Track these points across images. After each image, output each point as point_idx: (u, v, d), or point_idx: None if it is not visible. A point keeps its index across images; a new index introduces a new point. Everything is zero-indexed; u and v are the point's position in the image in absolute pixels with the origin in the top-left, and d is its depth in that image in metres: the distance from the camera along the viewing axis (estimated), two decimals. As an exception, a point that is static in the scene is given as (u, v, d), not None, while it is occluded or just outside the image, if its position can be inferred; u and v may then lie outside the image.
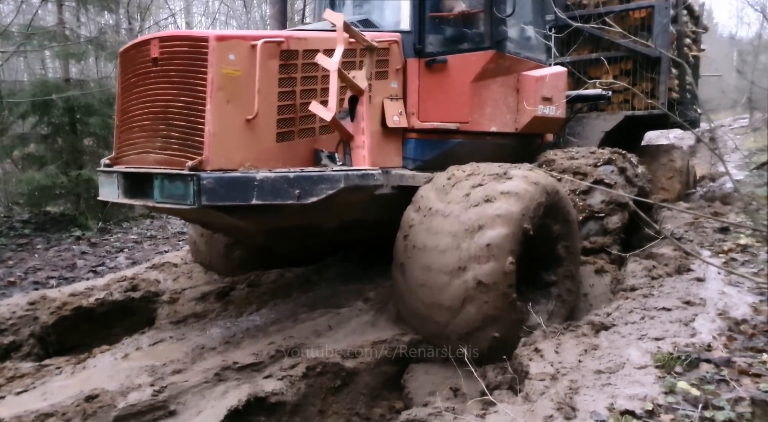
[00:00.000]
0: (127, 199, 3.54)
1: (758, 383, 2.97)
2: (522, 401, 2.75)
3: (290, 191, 3.12)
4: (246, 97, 3.29)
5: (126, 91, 3.64)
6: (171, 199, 3.18)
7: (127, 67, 3.63)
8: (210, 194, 3.05)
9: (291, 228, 3.84)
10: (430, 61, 4.60)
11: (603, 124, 7.20)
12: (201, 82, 3.18)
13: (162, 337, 3.98)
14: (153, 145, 3.41)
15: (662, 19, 7.04)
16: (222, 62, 3.18)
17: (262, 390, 3.09)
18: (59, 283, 6.17)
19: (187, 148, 3.23)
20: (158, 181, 3.23)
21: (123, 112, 3.69)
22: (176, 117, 3.29)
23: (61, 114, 9.25)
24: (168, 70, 3.32)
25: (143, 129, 3.48)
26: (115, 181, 3.57)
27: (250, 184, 3.09)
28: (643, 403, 2.76)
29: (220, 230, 4.59)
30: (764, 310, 4.05)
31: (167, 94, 3.32)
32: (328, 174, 3.19)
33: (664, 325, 3.73)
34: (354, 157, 3.57)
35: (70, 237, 8.58)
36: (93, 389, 3.07)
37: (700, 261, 5.03)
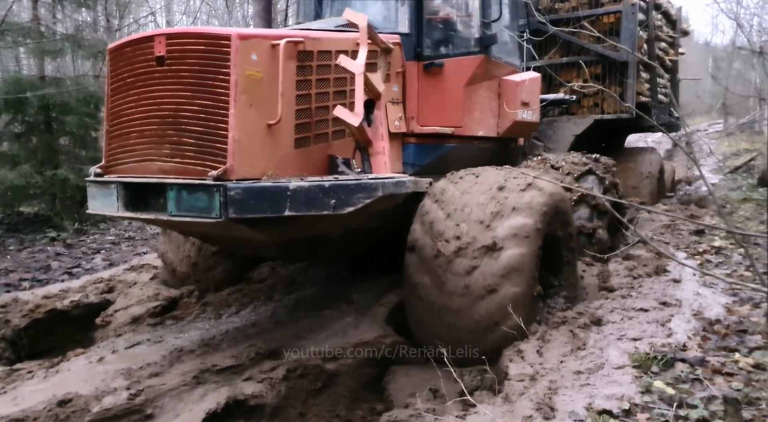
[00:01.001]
0: (129, 213, 3.19)
1: (730, 382, 3.03)
2: (502, 401, 2.76)
3: (325, 201, 2.91)
4: (267, 100, 3.06)
5: (119, 93, 3.31)
6: (191, 212, 2.89)
7: (122, 66, 3.29)
8: (238, 206, 2.79)
9: (303, 239, 3.62)
10: (429, 65, 4.60)
11: (573, 128, 7.30)
12: (222, 85, 2.93)
13: (139, 340, 3.91)
14: (158, 152, 3.10)
15: (629, 24, 7.17)
16: (245, 63, 2.95)
17: (241, 392, 3.06)
18: (32, 285, 6.04)
19: (205, 156, 2.95)
20: (173, 193, 2.93)
21: (115, 115, 3.34)
22: (190, 122, 3.00)
23: (36, 112, 9.08)
24: (178, 70, 3.03)
25: (144, 134, 3.17)
26: (113, 193, 3.22)
27: (282, 194, 2.86)
28: (621, 403, 2.80)
29: (222, 243, 4.26)
30: (737, 311, 4.14)
31: (178, 96, 3.03)
32: (364, 182, 3.00)
33: (642, 326, 3.79)
34: (374, 163, 3.40)
35: (45, 238, 8.40)
36: (66, 393, 3.00)
37: (676, 262, 5.12)
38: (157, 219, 3.12)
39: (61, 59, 10.34)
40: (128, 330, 4.45)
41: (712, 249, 5.76)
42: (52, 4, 9.98)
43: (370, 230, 3.98)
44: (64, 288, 5.24)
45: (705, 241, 6.04)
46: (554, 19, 7.38)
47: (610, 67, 7.44)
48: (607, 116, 7.47)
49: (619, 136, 9.50)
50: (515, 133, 5.66)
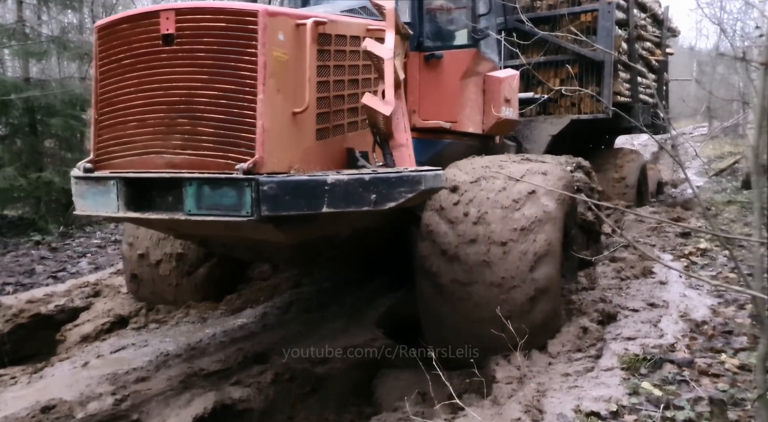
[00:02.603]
0: (132, 213, 2.83)
1: (716, 383, 3.06)
2: (490, 404, 2.76)
3: (365, 196, 2.63)
4: (293, 86, 2.77)
5: (112, 76, 2.90)
6: (215, 210, 2.61)
7: (115, 45, 2.87)
8: (272, 202, 2.54)
9: (316, 240, 3.33)
10: (429, 56, 4.46)
11: (550, 128, 7.23)
12: (247, 67, 2.61)
13: (125, 344, 3.87)
14: (166, 144, 2.76)
15: (606, 22, 7.12)
16: (273, 43, 2.64)
17: (228, 397, 3.04)
18: (16, 290, 5.94)
19: (227, 147, 2.65)
20: (193, 188, 2.63)
21: (107, 102, 2.94)
22: (207, 108, 2.68)
23: (21, 114, 8.97)
24: (192, 49, 2.68)
25: (147, 124, 2.81)
26: (110, 190, 2.83)
27: (319, 188, 2.60)
28: (608, 404, 2.82)
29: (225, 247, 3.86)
30: (722, 312, 4.18)
31: (191, 79, 2.69)
32: (406, 175, 2.72)
33: (637, 325, 3.83)
34: (398, 156, 3.16)
35: (29, 241, 8.29)
36: (50, 399, 2.96)
37: (662, 264, 5.16)
38: (171, 220, 2.76)
39: (47, 61, 10.23)
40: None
41: (698, 251, 5.82)
42: (37, 5, 9.88)
43: (373, 231, 3.79)
44: (49, 293, 5.17)
45: (691, 243, 6.11)
46: (532, 17, 7.29)
47: (587, 66, 7.38)
48: (584, 116, 7.42)
49: (603, 136, 9.45)
50: (497, 130, 5.58)
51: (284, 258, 3.83)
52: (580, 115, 7.42)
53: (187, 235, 3.76)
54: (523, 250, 3.27)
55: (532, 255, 3.25)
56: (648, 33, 8.69)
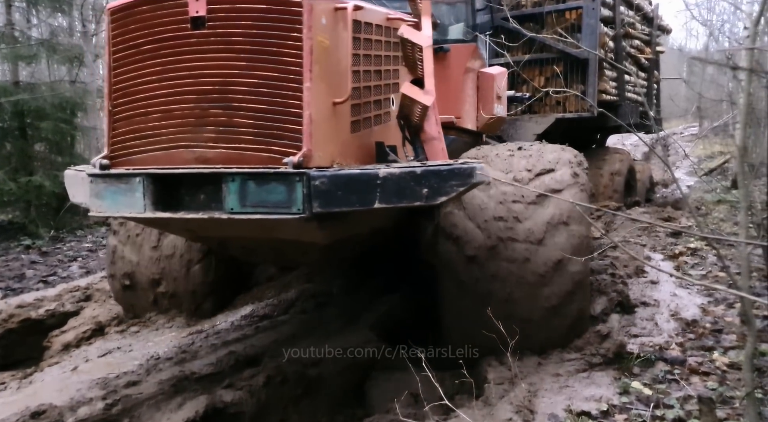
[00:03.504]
0: (161, 213, 2.59)
1: (706, 381, 3.09)
2: (482, 405, 2.77)
3: (417, 190, 2.48)
4: (334, 74, 2.60)
5: (130, 64, 2.65)
6: (261, 207, 2.43)
7: (133, 30, 2.63)
8: (324, 198, 2.38)
9: (344, 240, 3.16)
10: (438, 49, 4.35)
11: (535, 127, 7.20)
12: (291, 52, 2.43)
13: (115, 348, 3.85)
14: (197, 137, 2.54)
15: (590, 20, 7.09)
16: (317, 27, 2.46)
17: (220, 400, 3.02)
18: (6, 294, 5.91)
19: (270, 140, 2.47)
20: (236, 184, 2.44)
21: (123, 92, 2.69)
22: (246, 98, 2.47)
23: (10, 118, 8.94)
24: (227, 34, 2.47)
25: (173, 115, 2.58)
26: (136, 189, 2.59)
27: (372, 183, 2.44)
28: (599, 404, 2.84)
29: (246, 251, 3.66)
30: (712, 311, 4.22)
31: (227, 66, 2.48)
32: (458, 168, 2.55)
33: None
34: (430, 150, 3.04)
35: (19, 246, 8.24)
36: (40, 404, 2.94)
37: (655, 264, 5.20)
38: (210, 217, 2.53)
39: (36, 64, 10.17)
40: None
41: (688, 251, 5.87)
42: (26, 8, 9.84)
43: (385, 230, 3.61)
44: (39, 297, 5.13)
45: (681, 243, 6.15)
46: (518, 14, 7.26)
47: (572, 64, 7.34)
48: (569, 115, 7.38)
49: (592, 136, 9.41)
50: (489, 128, 5.49)
51: (311, 259, 3.64)
52: (565, 114, 7.39)
53: (207, 237, 3.53)
54: (556, 243, 3.23)
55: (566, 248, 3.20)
56: (637, 31, 8.61)
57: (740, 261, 2.84)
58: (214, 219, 2.50)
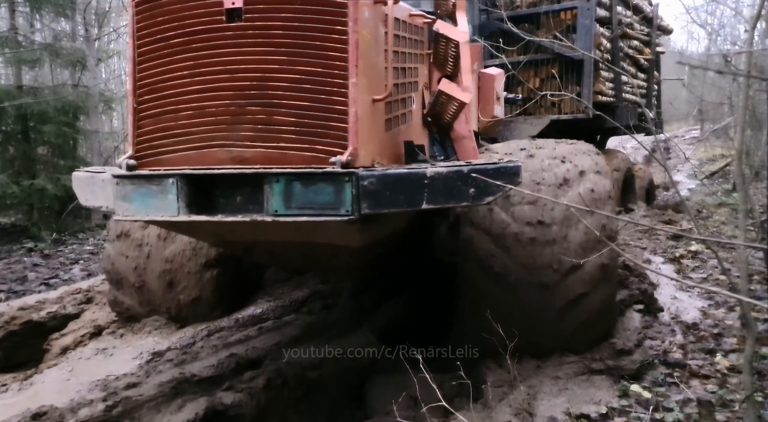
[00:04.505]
0: (197, 216, 2.45)
1: (706, 384, 3.09)
2: (481, 407, 2.78)
3: (465, 190, 2.40)
4: (374, 70, 2.51)
5: (159, 58, 2.51)
6: (308, 209, 2.32)
7: (161, 22, 2.49)
8: (373, 199, 2.30)
9: (374, 243, 3.06)
10: None
11: (530, 129, 7.08)
12: (337, 46, 2.32)
13: (116, 350, 3.86)
14: (233, 135, 2.42)
15: (585, 20, 6.99)
16: (362, 20, 2.35)
17: (220, 402, 3.03)
18: (8, 297, 5.92)
19: (314, 138, 2.36)
20: (280, 185, 2.32)
21: (149, 89, 2.55)
22: (287, 94, 2.36)
23: (13, 122, 8.98)
24: (266, 26, 2.35)
25: (207, 113, 2.45)
26: (169, 190, 2.45)
27: (419, 182, 2.36)
28: (598, 407, 2.84)
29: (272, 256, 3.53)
30: (712, 314, 4.22)
31: (266, 61, 2.36)
32: (504, 167, 2.47)
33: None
34: (461, 149, 2.97)
35: (22, 248, 8.27)
36: (41, 406, 2.96)
37: (654, 267, 5.20)
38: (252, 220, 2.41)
39: (39, 68, 10.22)
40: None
41: (689, 254, 5.86)
42: (30, 13, 9.88)
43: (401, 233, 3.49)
44: (41, 300, 5.15)
45: (682, 246, 6.15)
46: (513, 15, 7.16)
47: (567, 65, 7.25)
48: (564, 116, 7.29)
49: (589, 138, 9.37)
50: (488, 130, 5.39)
51: (339, 263, 3.53)
52: (560, 115, 7.30)
53: (235, 243, 3.35)
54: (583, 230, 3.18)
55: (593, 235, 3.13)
56: (636, 31, 8.51)
57: (740, 265, 2.84)
58: (250, 223, 2.40)
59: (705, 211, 8.41)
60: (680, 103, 15.67)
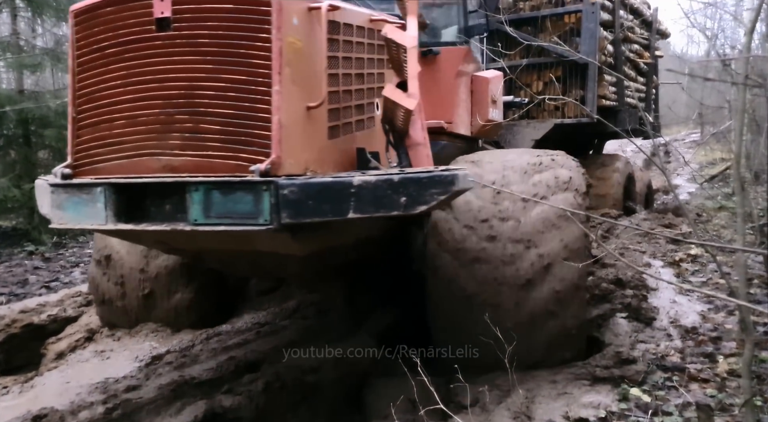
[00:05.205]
0: (124, 225, 2.47)
1: (705, 388, 3.09)
2: (479, 411, 2.78)
3: (395, 199, 2.35)
4: (307, 77, 2.49)
5: (95, 68, 2.53)
6: (227, 218, 2.31)
7: (97, 32, 2.51)
8: (293, 208, 2.26)
9: (325, 252, 3.02)
10: (426, 52, 4.26)
11: (533, 132, 7.03)
12: (260, 54, 2.32)
13: (114, 353, 3.87)
14: (163, 144, 2.42)
15: (590, 24, 6.93)
16: (288, 27, 2.34)
17: (219, 405, 3.04)
18: (9, 300, 5.95)
19: (238, 146, 2.34)
20: (200, 194, 2.31)
21: (87, 98, 2.57)
22: (213, 102, 2.36)
23: (15, 126, 9.03)
24: (193, 35, 2.35)
25: (138, 122, 2.46)
26: (97, 199, 2.47)
27: (345, 191, 2.32)
28: (597, 411, 2.83)
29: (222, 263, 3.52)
30: (712, 318, 4.22)
31: (193, 70, 2.36)
32: (438, 175, 2.42)
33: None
34: (414, 156, 2.92)
35: (22, 252, 8.30)
36: (41, 408, 2.97)
37: (653, 271, 5.20)
38: (173, 231, 2.41)
39: (41, 73, 10.28)
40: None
41: (689, 258, 5.86)
42: (31, 18, 9.94)
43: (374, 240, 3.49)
44: (42, 303, 5.18)
45: (681, 250, 6.14)
46: (515, 18, 7.10)
47: (571, 69, 7.18)
48: (568, 120, 7.22)
49: (590, 141, 9.25)
50: (484, 133, 5.34)
51: (290, 272, 3.53)
52: (564, 120, 7.23)
53: (180, 250, 3.37)
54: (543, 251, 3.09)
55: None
56: (636, 35, 8.50)
57: (739, 269, 2.85)
58: (184, 231, 2.38)
59: (705, 215, 8.41)
60: (680, 106, 15.69)
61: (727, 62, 3.58)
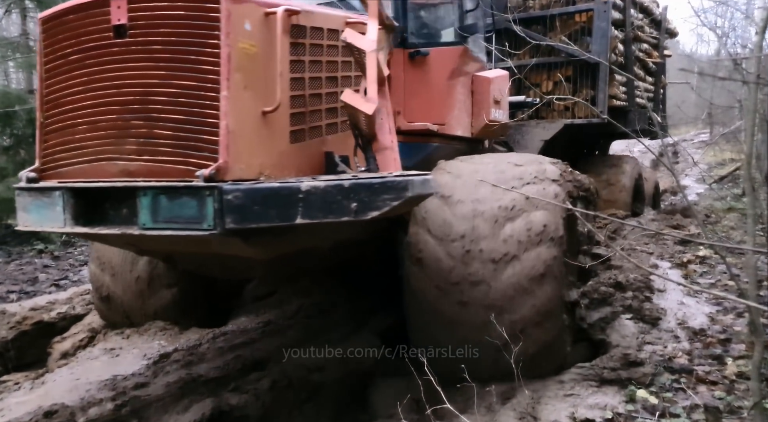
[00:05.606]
0: (80, 228, 2.53)
1: (713, 390, 3.07)
2: (485, 411, 2.78)
3: (345, 205, 2.34)
4: (263, 82, 2.51)
5: (60, 74, 2.61)
6: (173, 223, 2.33)
7: (61, 39, 2.58)
8: (238, 213, 2.26)
9: (294, 255, 3.03)
10: (414, 53, 4.19)
11: (542, 133, 6.89)
12: (209, 60, 2.35)
13: (124, 350, 3.91)
14: (120, 149, 2.48)
15: (601, 23, 6.79)
16: (238, 33, 2.37)
17: (226, 403, 3.07)
18: (20, 297, 6.01)
19: (188, 152, 2.38)
20: (148, 199, 2.35)
21: (53, 103, 2.65)
22: (165, 108, 2.40)
23: (24, 125, 9.09)
24: (147, 42, 2.40)
25: (99, 127, 2.52)
26: (56, 203, 2.53)
27: (293, 197, 2.32)
28: (604, 412, 2.82)
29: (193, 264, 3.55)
30: (720, 320, 4.19)
31: (147, 76, 2.42)
32: (391, 180, 2.41)
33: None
34: (382, 160, 2.90)
35: (32, 250, 8.37)
36: (52, 404, 3.01)
37: (661, 272, 5.18)
38: (124, 235, 2.46)
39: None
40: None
41: (697, 259, 5.82)
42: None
43: (359, 243, 3.49)
44: (51, 300, 5.22)
45: (690, 251, 6.10)
46: (525, 17, 6.96)
47: (581, 68, 7.04)
48: (578, 121, 7.09)
49: (598, 142, 9.16)
50: (487, 134, 5.20)
51: (258, 274, 3.54)
52: (575, 120, 7.11)
53: (150, 251, 3.42)
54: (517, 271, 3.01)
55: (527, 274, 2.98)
56: (645, 34, 8.40)
57: (749, 270, 2.83)
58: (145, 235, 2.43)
59: (713, 216, 8.34)
60: (689, 106, 15.58)
61: (738, 61, 3.55)
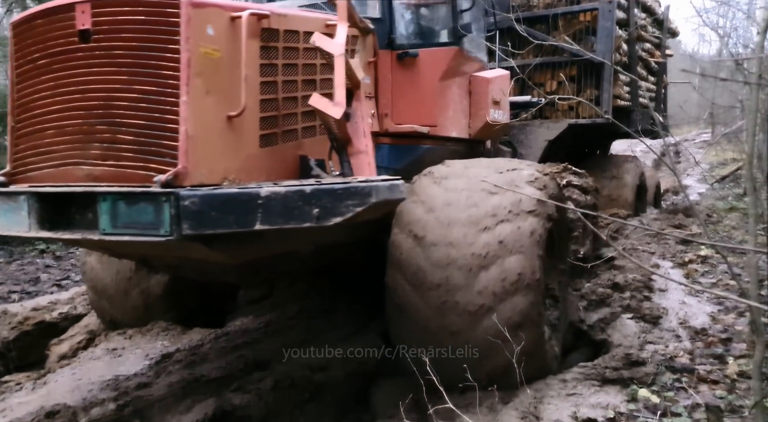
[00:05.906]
0: (45, 232, 2.52)
1: (715, 390, 3.07)
2: (486, 411, 2.78)
3: (306, 211, 2.32)
4: (227, 86, 2.51)
5: (29, 79, 2.63)
6: (131, 228, 2.33)
7: (30, 44, 2.60)
8: (195, 219, 2.25)
9: (268, 259, 3.02)
10: (402, 55, 4.16)
11: (546, 133, 6.87)
12: (169, 65, 2.36)
13: (126, 350, 3.92)
14: (85, 154, 2.50)
15: (606, 22, 6.77)
16: (199, 37, 2.37)
17: (228, 403, 3.07)
18: (21, 298, 6.03)
19: (148, 157, 2.39)
20: (107, 204, 2.34)
21: (23, 108, 2.67)
22: (127, 113, 2.41)
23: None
24: (110, 47, 2.41)
25: (65, 131, 2.54)
26: (21, 207, 2.52)
27: (252, 202, 2.29)
28: (606, 411, 2.83)
29: (169, 268, 3.54)
30: (722, 319, 4.19)
31: (110, 81, 2.43)
32: (354, 186, 2.40)
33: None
34: (356, 164, 2.89)
35: (34, 250, 8.39)
36: (54, 405, 3.02)
37: (662, 272, 5.18)
38: (84, 240, 2.47)
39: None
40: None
41: (698, 259, 5.81)
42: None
43: (345, 246, 3.43)
44: (53, 301, 5.24)
45: (691, 250, 6.10)
46: (528, 16, 6.96)
47: (585, 68, 7.02)
48: (582, 121, 7.07)
49: (601, 141, 9.14)
50: (486, 134, 5.15)
51: (233, 278, 3.51)
52: (579, 120, 7.09)
53: (124, 254, 3.40)
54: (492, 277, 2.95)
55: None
56: (648, 33, 8.39)
57: (750, 270, 2.84)
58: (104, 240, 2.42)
59: (715, 216, 8.34)
60: (691, 106, 15.57)
61: (740, 61, 3.55)
